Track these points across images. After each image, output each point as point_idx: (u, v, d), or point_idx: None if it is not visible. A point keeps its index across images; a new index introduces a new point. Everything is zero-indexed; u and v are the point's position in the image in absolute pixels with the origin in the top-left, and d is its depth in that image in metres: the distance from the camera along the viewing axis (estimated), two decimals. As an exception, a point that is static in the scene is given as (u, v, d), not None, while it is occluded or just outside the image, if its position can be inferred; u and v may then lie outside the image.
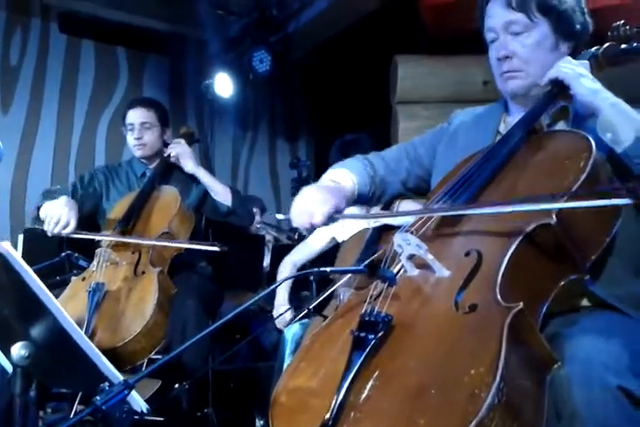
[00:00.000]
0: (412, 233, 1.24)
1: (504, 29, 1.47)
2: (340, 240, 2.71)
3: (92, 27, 5.37)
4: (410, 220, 1.34)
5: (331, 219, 1.42)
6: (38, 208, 2.63)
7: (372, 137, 3.00)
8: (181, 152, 2.81)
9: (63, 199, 2.57)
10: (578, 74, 1.36)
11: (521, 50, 1.46)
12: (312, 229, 1.46)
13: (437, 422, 0.92)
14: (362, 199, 1.62)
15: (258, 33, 5.05)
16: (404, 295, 1.16)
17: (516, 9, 1.45)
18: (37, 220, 2.65)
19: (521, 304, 0.99)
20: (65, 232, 2.50)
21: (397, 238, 1.19)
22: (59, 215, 2.49)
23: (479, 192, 1.27)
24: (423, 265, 1.18)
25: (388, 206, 2.21)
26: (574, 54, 1.48)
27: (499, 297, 1.03)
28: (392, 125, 4.80)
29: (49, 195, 2.65)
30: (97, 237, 2.59)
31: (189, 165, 2.80)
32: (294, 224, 1.48)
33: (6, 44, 5.17)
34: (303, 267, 2.91)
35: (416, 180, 1.68)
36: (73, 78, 5.46)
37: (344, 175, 1.59)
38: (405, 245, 1.18)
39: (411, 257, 1.19)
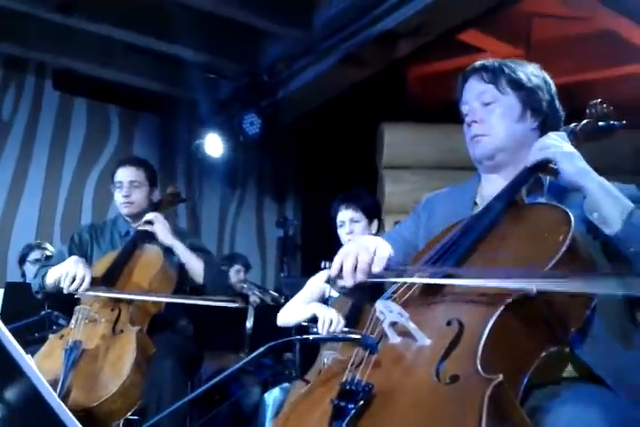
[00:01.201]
0: (394, 300, 1.25)
1: (476, 99, 1.59)
2: (327, 295, 2.68)
3: (85, 84, 5.49)
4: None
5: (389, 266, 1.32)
6: (43, 276, 2.64)
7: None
8: (156, 227, 2.78)
9: (73, 258, 2.59)
10: (565, 153, 1.41)
11: (488, 117, 1.56)
12: (360, 282, 1.32)
13: None
14: None
15: (249, 96, 5.18)
16: (385, 363, 1.15)
17: (486, 81, 1.58)
18: (42, 288, 2.66)
19: (500, 376, 0.98)
20: (82, 288, 2.48)
21: (379, 305, 1.19)
22: (74, 272, 2.49)
23: (461, 261, 1.29)
24: (405, 333, 1.18)
25: None
26: (543, 130, 1.56)
27: (479, 368, 1.02)
28: (378, 189, 4.88)
29: (46, 263, 2.64)
30: (113, 295, 2.52)
31: (167, 238, 2.77)
32: (335, 272, 1.33)
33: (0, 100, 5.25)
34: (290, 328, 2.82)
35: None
36: (64, 135, 5.53)
37: None
38: (387, 312, 1.18)
39: (393, 324, 1.19)
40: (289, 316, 2.66)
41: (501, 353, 1.09)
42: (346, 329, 2.23)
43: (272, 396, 2.43)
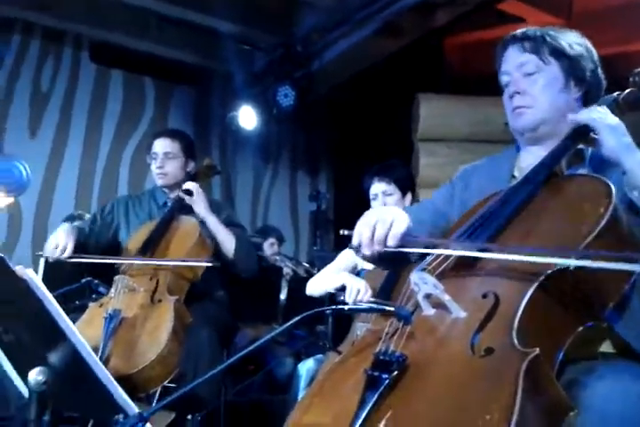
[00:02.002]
0: (428, 271, 1.24)
1: (517, 70, 1.55)
2: (359, 268, 2.68)
3: (121, 57, 5.51)
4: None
5: (405, 240, 1.32)
6: None
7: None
8: (194, 200, 2.80)
9: (63, 226, 2.68)
10: (609, 125, 1.37)
11: (531, 88, 1.53)
12: (378, 252, 1.33)
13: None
14: None
15: (282, 68, 5.15)
16: (419, 335, 1.16)
17: (529, 51, 1.54)
18: None
19: (537, 350, 0.98)
20: (64, 256, 2.57)
21: (414, 277, 1.19)
22: (56, 241, 2.59)
23: (497, 234, 1.27)
24: (439, 304, 1.18)
25: None
26: (586, 100, 1.53)
27: (515, 341, 1.02)
28: (413, 161, 4.84)
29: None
30: (94, 260, 2.63)
31: (201, 211, 2.80)
32: (356, 242, 1.35)
33: (38, 71, 5.31)
34: (324, 298, 2.84)
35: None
36: (101, 106, 5.58)
37: None
38: (422, 284, 1.18)
39: (427, 296, 1.19)
40: (318, 284, 2.67)
41: (537, 327, 1.08)
42: (372, 300, 2.23)
43: (305, 366, 2.45)
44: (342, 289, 2.44)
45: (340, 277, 2.52)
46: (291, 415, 1.17)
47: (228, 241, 2.77)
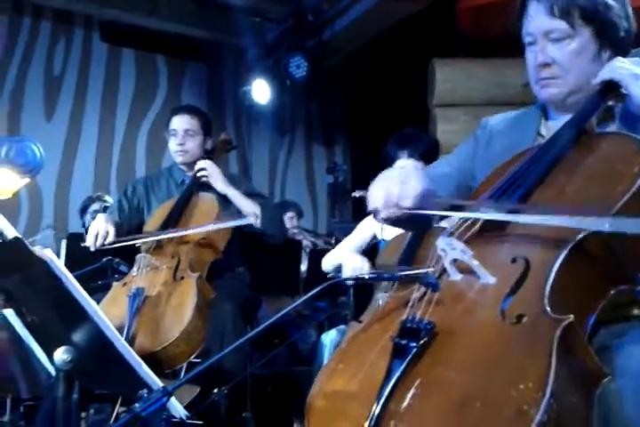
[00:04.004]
0: (456, 237, 1.21)
1: (544, 36, 1.41)
2: (379, 239, 2.65)
3: (132, 35, 5.49)
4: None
5: (421, 206, 1.27)
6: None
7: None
8: (210, 174, 2.79)
9: (101, 217, 2.70)
10: (635, 75, 1.28)
11: (561, 57, 1.40)
12: (394, 215, 1.28)
13: (483, 439, 0.89)
14: None
15: (294, 39, 5.08)
16: (446, 301, 1.13)
17: (558, 16, 1.39)
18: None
19: (571, 317, 0.94)
20: (107, 242, 2.58)
21: (441, 243, 1.16)
22: (96, 229, 2.61)
23: (528, 194, 1.22)
24: (466, 270, 1.14)
25: None
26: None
27: (547, 308, 0.98)
28: (430, 128, 4.77)
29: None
30: (137, 241, 2.63)
31: (219, 185, 2.78)
32: (372, 206, 1.31)
33: (50, 55, 5.30)
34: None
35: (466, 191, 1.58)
36: (114, 86, 5.57)
37: None
38: (450, 249, 1.14)
39: (454, 261, 1.16)
40: (326, 262, 2.68)
41: (569, 292, 1.05)
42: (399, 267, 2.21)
43: (329, 337, 2.45)
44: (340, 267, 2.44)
45: (339, 255, 2.52)
46: (315, 382, 1.15)
47: (252, 212, 2.75)
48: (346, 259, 2.44)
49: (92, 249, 2.60)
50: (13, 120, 5.07)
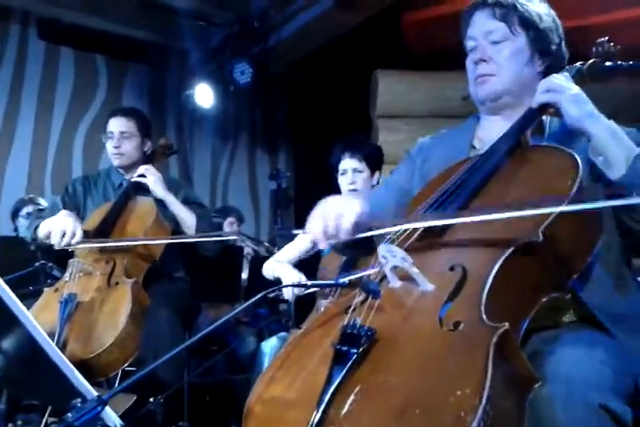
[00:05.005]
0: (397, 244, 1.22)
1: (484, 37, 1.53)
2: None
3: (71, 34, 5.34)
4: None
5: (359, 230, 1.30)
6: (35, 228, 2.59)
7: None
8: (150, 180, 2.74)
9: (63, 212, 2.55)
10: (570, 96, 1.35)
11: (497, 56, 1.51)
12: (333, 241, 1.32)
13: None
14: None
15: (239, 44, 5.06)
16: (386, 308, 1.14)
17: (498, 19, 1.51)
18: (34, 240, 2.61)
19: (507, 324, 0.97)
20: (73, 242, 2.45)
21: (382, 250, 1.17)
22: (63, 227, 2.45)
23: (466, 205, 1.25)
24: (406, 277, 1.16)
25: None
26: (547, 73, 1.50)
27: (484, 316, 1.01)
28: (373, 138, 4.82)
29: (40, 215, 2.59)
30: (104, 245, 2.52)
31: (158, 191, 2.74)
32: (312, 235, 1.34)
33: (-17, 51, 5.11)
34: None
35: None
36: (51, 86, 5.41)
37: None
38: (391, 256, 1.16)
39: (394, 268, 1.18)
40: (265, 270, 2.66)
41: (504, 299, 1.08)
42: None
43: (269, 344, 2.44)
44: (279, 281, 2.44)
45: (277, 268, 2.51)
46: (253, 390, 1.13)
47: (188, 220, 2.72)
48: (284, 273, 2.43)
49: (57, 248, 2.46)
50: (-58, 118, 4.87)
